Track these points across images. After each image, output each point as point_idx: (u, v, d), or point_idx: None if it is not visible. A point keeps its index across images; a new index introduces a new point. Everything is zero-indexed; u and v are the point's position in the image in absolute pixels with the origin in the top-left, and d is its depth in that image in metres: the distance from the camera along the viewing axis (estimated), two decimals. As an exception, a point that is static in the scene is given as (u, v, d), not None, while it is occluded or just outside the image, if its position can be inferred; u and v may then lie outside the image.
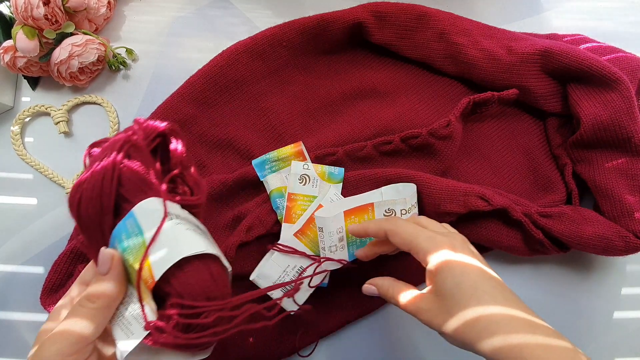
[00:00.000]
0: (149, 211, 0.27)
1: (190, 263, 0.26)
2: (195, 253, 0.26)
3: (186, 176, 0.31)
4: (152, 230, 0.26)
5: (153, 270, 0.25)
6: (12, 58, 0.47)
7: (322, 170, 0.45)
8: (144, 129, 0.30)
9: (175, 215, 0.27)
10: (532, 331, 0.28)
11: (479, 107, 0.47)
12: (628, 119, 0.42)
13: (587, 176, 0.45)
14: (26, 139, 0.50)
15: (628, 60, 0.45)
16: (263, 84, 0.49)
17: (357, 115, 0.49)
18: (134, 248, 0.26)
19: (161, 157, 0.31)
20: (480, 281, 0.31)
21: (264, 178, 0.45)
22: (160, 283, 0.25)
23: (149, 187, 0.28)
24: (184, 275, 0.25)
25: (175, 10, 0.54)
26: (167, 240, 0.26)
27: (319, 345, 0.46)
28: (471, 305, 0.30)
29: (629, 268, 0.48)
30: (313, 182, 0.44)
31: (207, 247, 0.26)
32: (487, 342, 0.28)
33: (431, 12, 0.48)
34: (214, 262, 0.27)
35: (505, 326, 0.28)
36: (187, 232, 0.27)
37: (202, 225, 0.30)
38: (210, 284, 0.26)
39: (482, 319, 0.29)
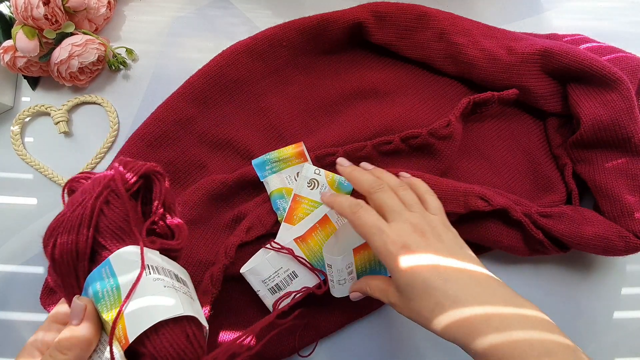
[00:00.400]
0: (125, 260, 0.26)
1: (166, 326, 0.25)
2: (171, 317, 0.25)
3: (168, 219, 0.30)
4: (128, 279, 0.26)
5: (127, 331, 0.24)
6: (12, 58, 0.47)
7: (332, 179, 0.44)
8: (126, 171, 0.29)
9: (154, 267, 0.27)
10: (495, 324, 0.29)
11: (479, 107, 0.47)
12: (628, 119, 0.42)
13: (587, 176, 0.45)
14: (26, 139, 0.50)
15: (628, 60, 0.45)
16: (263, 84, 0.49)
17: (357, 115, 0.49)
18: (108, 299, 0.26)
19: (144, 197, 0.30)
20: (430, 279, 0.31)
21: (265, 179, 0.45)
22: (135, 344, 0.25)
23: (127, 234, 0.28)
24: (158, 339, 0.25)
25: (175, 10, 0.54)
26: (143, 299, 0.25)
27: (319, 345, 0.46)
28: (425, 305, 0.31)
29: (629, 268, 0.48)
30: (321, 188, 0.44)
31: (184, 309, 0.26)
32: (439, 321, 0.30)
33: (431, 12, 0.48)
34: (190, 323, 0.27)
35: (464, 323, 0.29)
36: (165, 291, 0.26)
37: (182, 270, 0.30)
38: (185, 347, 0.26)
39: (435, 308, 0.30)
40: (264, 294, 0.42)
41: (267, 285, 0.42)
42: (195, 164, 0.47)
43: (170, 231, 0.30)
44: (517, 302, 0.30)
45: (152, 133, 0.46)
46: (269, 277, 0.41)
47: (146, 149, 0.46)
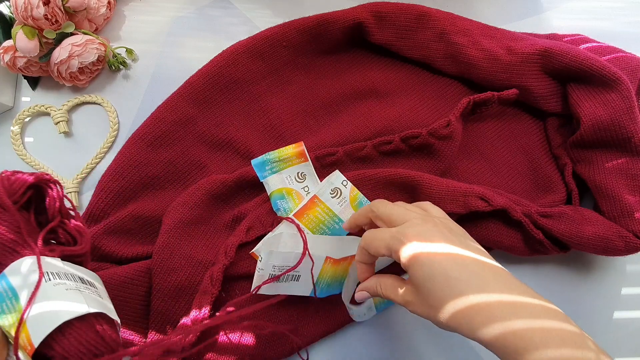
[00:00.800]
0: (22, 273, 0.26)
1: (71, 326, 0.25)
2: (75, 316, 0.25)
3: (67, 225, 0.30)
4: (27, 289, 0.25)
5: (31, 338, 0.24)
6: (12, 58, 0.47)
7: (355, 195, 0.44)
8: (10, 185, 0.28)
9: (55, 273, 0.27)
10: (514, 312, 0.28)
11: (479, 107, 0.47)
12: (628, 119, 0.42)
13: (587, 176, 0.45)
14: (26, 139, 0.50)
15: (628, 60, 0.45)
16: (263, 84, 0.49)
17: (357, 115, 0.49)
18: (9, 313, 0.25)
19: (37, 208, 0.29)
20: (450, 269, 0.30)
21: (265, 179, 0.45)
22: (42, 348, 0.24)
23: (22, 246, 0.27)
24: (66, 340, 0.25)
25: (175, 10, 0.54)
26: (44, 304, 0.25)
27: (319, 345, 0.46)
28: (446, 296, 0.30)
29: (629, 268, 0.48)
30: (341, 201, 0.43)
31: (88, 307, 0.26)
32: (485, 330, 0.28)
33: (431, 12, 0.48)
34: (98, 319, 0.26)
35: (483, 312, 0.28)
36: (67, 293, 0.26)
37: (90, 272, 0.29)
38: (96, 342, 0.25)
39: (462, 309, 0.29)
40: (261, 274, 0.40)
41: (274, 270, 0.40)
42: (195, 164, 0.47)
43: (71, 237, 0.30)
44: (531, 293, 0.30)
45: (152, 133, 0.46)
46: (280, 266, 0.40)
47: (146, 149, 0.46)
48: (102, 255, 0.44)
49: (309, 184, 0.45)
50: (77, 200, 0.48)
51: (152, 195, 0.46)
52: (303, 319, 0.44)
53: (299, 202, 0.45)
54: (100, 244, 0.43)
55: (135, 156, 0.46)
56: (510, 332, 0.27)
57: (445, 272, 0.30)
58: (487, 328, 0.28)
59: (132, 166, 0.45)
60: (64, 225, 0.30)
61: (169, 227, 0.43)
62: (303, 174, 0.46)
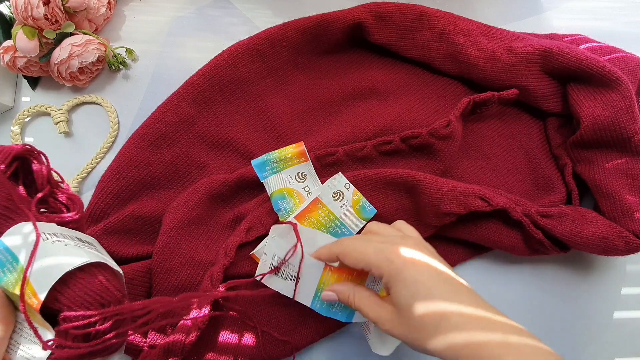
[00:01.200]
0: (19, 236, 0.26)
1: (75, 276, 0.25)
2: (77, 266, 0.25)
3: (58, 194, 0.30)
4: (27, 252, 0.26)
5: (37, 292, 0.25)
6: (12, 58, 0.47)
7: (357, 199, 0.43)
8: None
9: (51, 234, 0.27)
10: (491, 329, 0.28)
11: (479, 107, 0.47)
12: (628, 119, 0.42)
13: (587, 176, 0.45)
14: (26, 139, 0.50)
15: (628, 60, 0.45)
16: (263, 84, 0.49)
17: (357, 115, 0.49)
18: (12, 276, 0.26)
19: (25, 180, 0.30)
20: (435, 286, 0.30)
21: (265, 179, 0.45)
22: (48, 302, 0.25)
23: (15, 213, 0.27)
24: (70, 291, 0.25)
25: (175, 10, 0.54)
26: (45, 259, 0.25)
27: (319, 345, 0.46)
28: (430, 313, 0.29)
29: (629, 268, 0.48)
30: (343, 204, 0.42)
31: (90, 257, 0.26)
32: (441, 340, 0.28)
33: (431, 12, 0.48)
34: (100, 270, 0.27)
35: (461, 324, 0.28)
36: (67, 248, 0.26)
37: (89, 237, 0.30)
38: (101, 291, 0.26)
39: (441, 321, 0.29)
40: (264, 260, 0.40)
41: (275, 258, 0.40)
42: (195, 164, 0.47)
43: (64, 206, 0.30)
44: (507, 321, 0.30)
45: (152, 133, 0.46)
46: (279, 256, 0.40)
47: (146, 149, 0.46)
48: (102, 255, 0.44)
49: (310, 184, 0.45)
50: (77, 200, 0.48)
51: (152, 195, 0.46)
52: (303, 319, 0.44)
53: (299, 202, 0.45)
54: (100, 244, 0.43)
55: (135, 156, 0.46)
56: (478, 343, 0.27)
57: (428, 289, 0.30)
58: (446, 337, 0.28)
59: (132, 166, 0.45)
60: (54, 194, 0.30)
61: (169, 227, 0.43)
62: (303, 174, 0.46)
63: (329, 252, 0.36)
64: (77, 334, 0.25)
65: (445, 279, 0.31)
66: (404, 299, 0.30)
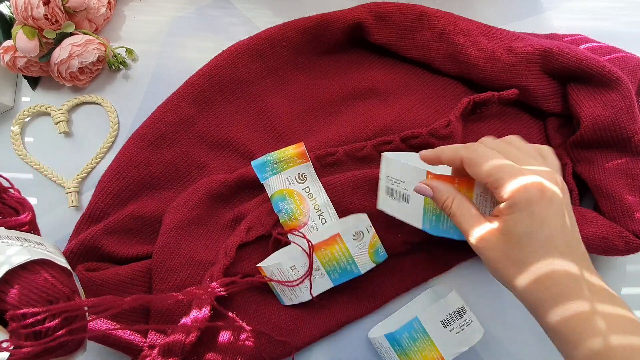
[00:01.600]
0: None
1: (18, 275, 0.25)
2: (15, 265, 0.25)
3: (6, 199, 0.30)
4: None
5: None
6: (12, 58, 0.47)
7: (374, 242, 0.43)
8: None
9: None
10: (597, 300, 0.26)
11: (479, 107, 0.47)
12: (628, 119, 0.42)
13: (587, 176, 0.45)
14: (26, 139, 0.50)
15: (628, 60, 0.45)
16: (263, 84, 0.49)
17: (357, 115, 0.49)
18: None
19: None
20: (556, 236, 0.28)
21: (265, 181, 0.45)
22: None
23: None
24: (13, 289, 0.25)
25: (175, 10, 0.54)
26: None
27: (319, 345, 0.46)
28: (539, 262, 0.27)
29: (629, 268, 0.48)
30: (361, 245, 0.41)
31: (31, 255, 0.26)
32: (556, 311, 0.27)
33: (431, 12, 0.48)
34: (46, 268, 0.26)
35: (577, 294, 0.27)
36: (8, 249, 0.26)
37: (38, 237, 0.29)
38: (47, 288, 0.26)
39: (551, 282, 0.27)
40: (382, 185, 0.40)
41: (387, 182, 0.39)
42: (195, 164, 0.47)
43: (13, 210, 0.30)
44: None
45: (152, 133, 0.46)
46: (394, 178, 0.38)
47: (146, 149, 0.46)
48: (102, 255, 0.44)
49: (310, 185, 0.45)
50: (77, 200, 0.48)
51: (152, 195, 0.46)
52: (303, 319, 0.44)
53: (300, 203, 0.45)
54: (100, 244, 0.43)
55: (135, 156, 0.46)
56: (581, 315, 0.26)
57: (549, 237, 0.28)
58: (557, 308, 0.27)
59: (132, 166, 0.45)
60: (3, 200, 0.30)
61: (169, 227, 0.43)
62: (304, 174, 0.46)
63: (454, 154, 0.32)
64: (27, 333, 0.24)
65: (569, 231, 0.28)
66: (519, 232, 0.28)
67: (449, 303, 0.41)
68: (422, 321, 0.40)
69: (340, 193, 0.45)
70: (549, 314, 0.27)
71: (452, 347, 0.40)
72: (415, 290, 0.47)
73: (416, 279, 0.46)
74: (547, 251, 0.28)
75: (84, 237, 0.43)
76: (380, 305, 0.46)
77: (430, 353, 0.39)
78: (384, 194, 0.40)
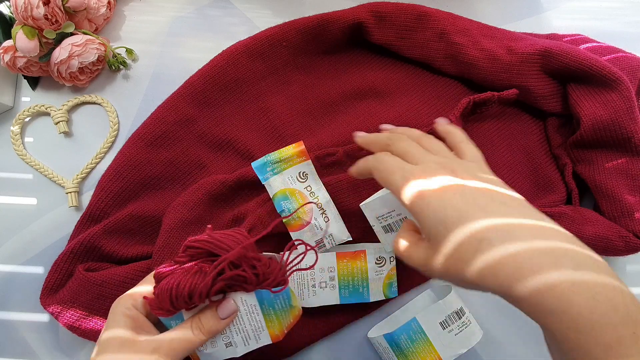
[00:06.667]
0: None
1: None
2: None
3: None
4: None
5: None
6: (12, 58, 0.47)
7: (392, 274, 0.43)
8: None
9: None
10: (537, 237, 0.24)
11: (479, 107, 0.47)
12: (628, 119, 0.42)
13: (587, 176, 0.45)
14: (26, 139, 0.50)
15: (628, 60, 0.45)
16: (263, 84, 0.49)
17: (357, 115, 0.49)
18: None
19: None
20: (465, 205, 0.25)
21: (266, 181, 0.45)
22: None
23: None
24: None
25: (175, 10, 0.54)
26: None
27: (319, 345, 0.46)
28: (462, 243, 0.25)
29: (629, 268, 0.48)
30: (379, 272, 0.42)
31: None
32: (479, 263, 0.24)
33: (431, 12, 0.48)
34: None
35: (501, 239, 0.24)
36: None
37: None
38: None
39: (480, 244, 0.24)
40: (378, 229, 0.40)
41: (380, 222, 0.39)
42: (195, 164, 0.47)
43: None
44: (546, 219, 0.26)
45: (152, 133, 0.46)
46: (383, 215, 0.39)
47: (146, 149, 0.46)
48: (102, 255, 0.44)
49: (312, 184, 0.45)
50: (77, 200, 0.48)
51: (152, 195, 0.46)
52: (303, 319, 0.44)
53: (302, 201, 0.45)
54: (100, 244, 0.43)
55: (135, 156, 0.46)
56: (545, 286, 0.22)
57: (458, 210, 0.25)
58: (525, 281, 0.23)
59: (132, 166, 0.45)
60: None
61: (169, 228, 0.43)
62: (305, 173, 0.46)
63: (364, 165, 0.33)
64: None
65: (480, 193, 0.26)
66: (432, 227, 0.26)
67: (447, 304, 0.41)
68: (420, 322, 0.40)
69: (341, 194, 0.45)
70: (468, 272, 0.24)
71: (450, 349, 0.40)
72: (415, 290, 0.47)
73: (415, 279, 0.46)
74: (462, 222, 0.25)
75: (84, 237, 0.43)
76: (380, 306, 0.46)
77: (428, 354, 0.39)
78: (384, 235, 0.39)
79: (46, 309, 0.43)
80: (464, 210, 0.25)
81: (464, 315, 0.41)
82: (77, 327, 0.42)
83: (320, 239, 0.45)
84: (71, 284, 0.43)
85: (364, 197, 0.44)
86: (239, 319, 0.33)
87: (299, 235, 0.45)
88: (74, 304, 0.42)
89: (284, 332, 0.34)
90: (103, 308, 0.42)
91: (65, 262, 0.43)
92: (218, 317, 0.31)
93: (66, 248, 0.44)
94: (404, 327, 0.40)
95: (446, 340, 0.40)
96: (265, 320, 0.33)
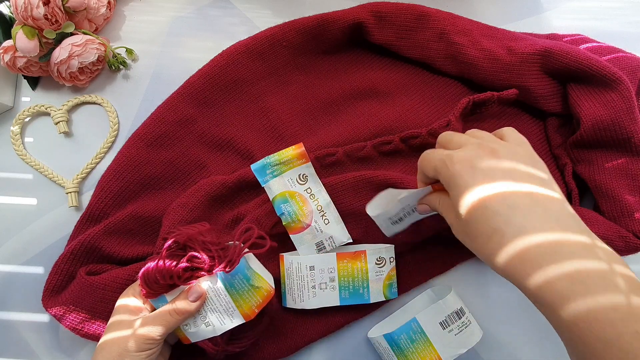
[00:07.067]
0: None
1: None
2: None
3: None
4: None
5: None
6: (12, 58, 0.47)
7: (392, 275, 0.43)
8: None
9: None
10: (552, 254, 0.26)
11: (478, 107, 0.47)
12: (628, 119, 0.42)
13: (587, 176, 0.45)
14: (26, 139, 0.50)
15: (628, 60, 0.45)
16: (263, 84, 0.49)
17: (357, 115, 0.49)
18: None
19: None
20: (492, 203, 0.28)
21: (266, 184, 0.45)
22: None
23: None
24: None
25: (175, 10, 0.54)
26: None
27: (319, 345, 0.46)
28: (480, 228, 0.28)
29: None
30: (379, 273, 0.42)
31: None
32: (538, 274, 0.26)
33: (431, 12, 0.48)
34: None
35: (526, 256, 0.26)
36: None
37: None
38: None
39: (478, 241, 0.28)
40: (386, 226, 0.40)
41: (391, 220, 0.40)
42: (195, 164, 0.47)
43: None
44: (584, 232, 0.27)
45: (152, 133, 0.46)
46: (396, 213, 0.39)
47: (146, 149, 0.46)
48: (102, 256, 0.44)
49: (312, 186, 0.45)
50: (77, 200, 0.48)
51: (152, 195, 0.46)
52: (303, 319, 0.44)
53: (302, 204, 0.45)
54: (100, 245, 0.43)
55: (135, 156, 0.46)
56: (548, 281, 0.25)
57: (484, 206, 0.28)
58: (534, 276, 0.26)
59: (132, 166, 0.45)
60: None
61: (169, 229, 0.43)
62: (305, 175, 0.45)
63: (419, 168, 0.35)
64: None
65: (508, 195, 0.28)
66: (460, 207, 0.29)
67: (447, 304, 0.41)
68: (420, 322, 0.40)
69: (342, 194, 0.45)
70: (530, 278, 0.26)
71: (450, 349, 0.40)
72: (415, 290, 0.47)
73: (415, 279, 0.46)
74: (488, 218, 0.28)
75: (84, 238, 0.43)
76: (380, 306, 0.46)
77: (428, 354, 0.39)
78: (390, 225, 0.40)
79: (48, 310, 0.43)
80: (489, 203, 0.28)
81: (463, 315, 0.41)
82: (80, 329, 0.42)
83: (320, 241, 0.45)
84: (73, 287, 0.43)
85: (364, 199, 0.44)
86: (210, 300, 0.36)
87: (299, 237, 0.45)
88: (76, 307, 0.42)
89: (254, 311, 0.37)
90: (105, 311, 0.42)
91: (65, 263, 0.43)
92: (188, 300, 0.36)
93: (66, 249, 0.44)
94: (403, 327, 0.40)
95: (446, 340, 0.40)
96: (232, 301, 0.36)
